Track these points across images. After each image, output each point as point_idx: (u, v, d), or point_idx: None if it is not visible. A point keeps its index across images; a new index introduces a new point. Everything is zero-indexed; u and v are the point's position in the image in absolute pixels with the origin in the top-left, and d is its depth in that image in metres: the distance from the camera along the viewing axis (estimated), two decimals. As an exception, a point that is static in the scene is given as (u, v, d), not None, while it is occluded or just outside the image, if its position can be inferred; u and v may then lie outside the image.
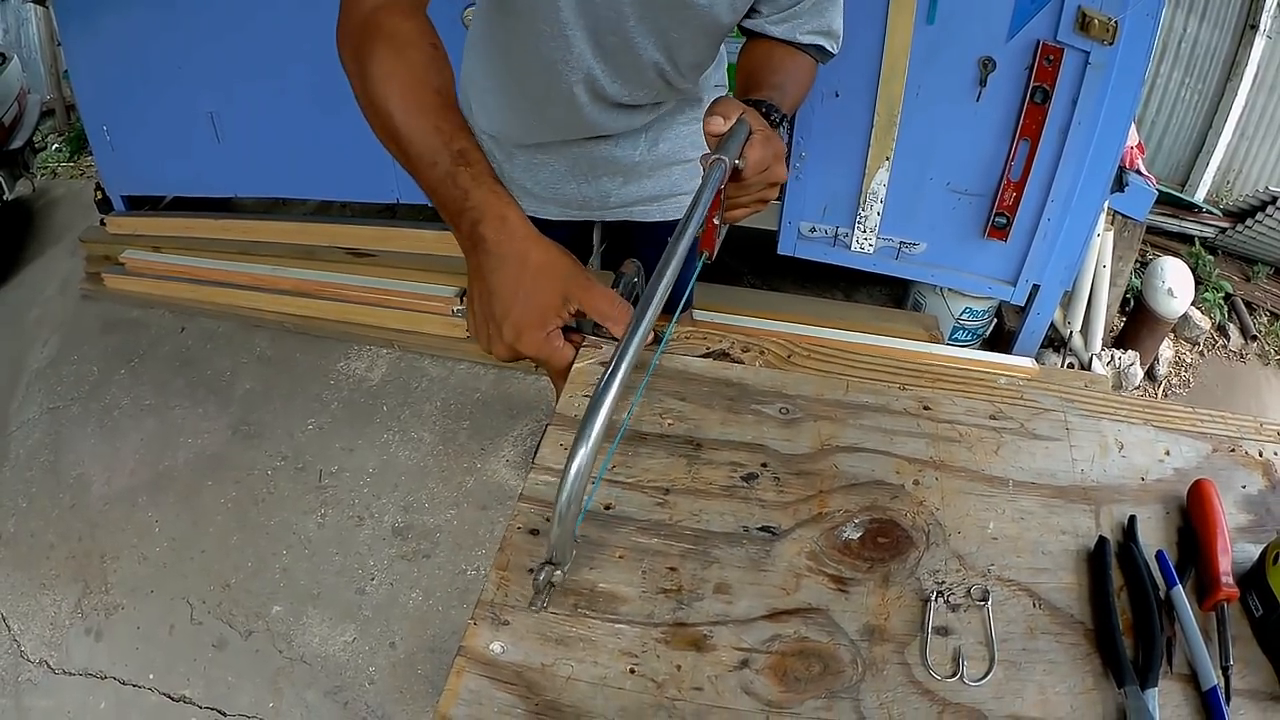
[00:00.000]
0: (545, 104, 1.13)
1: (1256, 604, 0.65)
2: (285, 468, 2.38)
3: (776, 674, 0.59)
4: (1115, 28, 1.85)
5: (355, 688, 1.88)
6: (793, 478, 0.72)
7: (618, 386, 0.61)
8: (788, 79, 1.01)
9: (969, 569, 0.67)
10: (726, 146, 0.79)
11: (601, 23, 0.99)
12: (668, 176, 1.30)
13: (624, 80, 1.08)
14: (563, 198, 1.29)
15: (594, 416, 0.59)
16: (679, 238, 0.71)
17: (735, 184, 0.83)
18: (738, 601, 0.64)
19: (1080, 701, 0.60)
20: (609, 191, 1.29)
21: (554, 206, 1.30)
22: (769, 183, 0.86)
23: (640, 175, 1.28)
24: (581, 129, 1.17)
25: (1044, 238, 2.22)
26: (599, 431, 0.59)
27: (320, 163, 2.76)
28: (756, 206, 0.89)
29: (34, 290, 3.25)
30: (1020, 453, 0.76)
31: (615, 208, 1.32)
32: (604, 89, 1.09)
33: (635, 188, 1.29)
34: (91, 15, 2.71)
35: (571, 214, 1.32)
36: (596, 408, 0.59)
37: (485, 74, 1.19)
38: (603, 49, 1.03)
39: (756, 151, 0.82)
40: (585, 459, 0.58)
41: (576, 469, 0.58)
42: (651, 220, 1.34)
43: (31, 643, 2.01)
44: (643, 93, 1.12)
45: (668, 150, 1.27)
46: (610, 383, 0.61)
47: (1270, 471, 0.78)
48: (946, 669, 0.61)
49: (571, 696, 0.57)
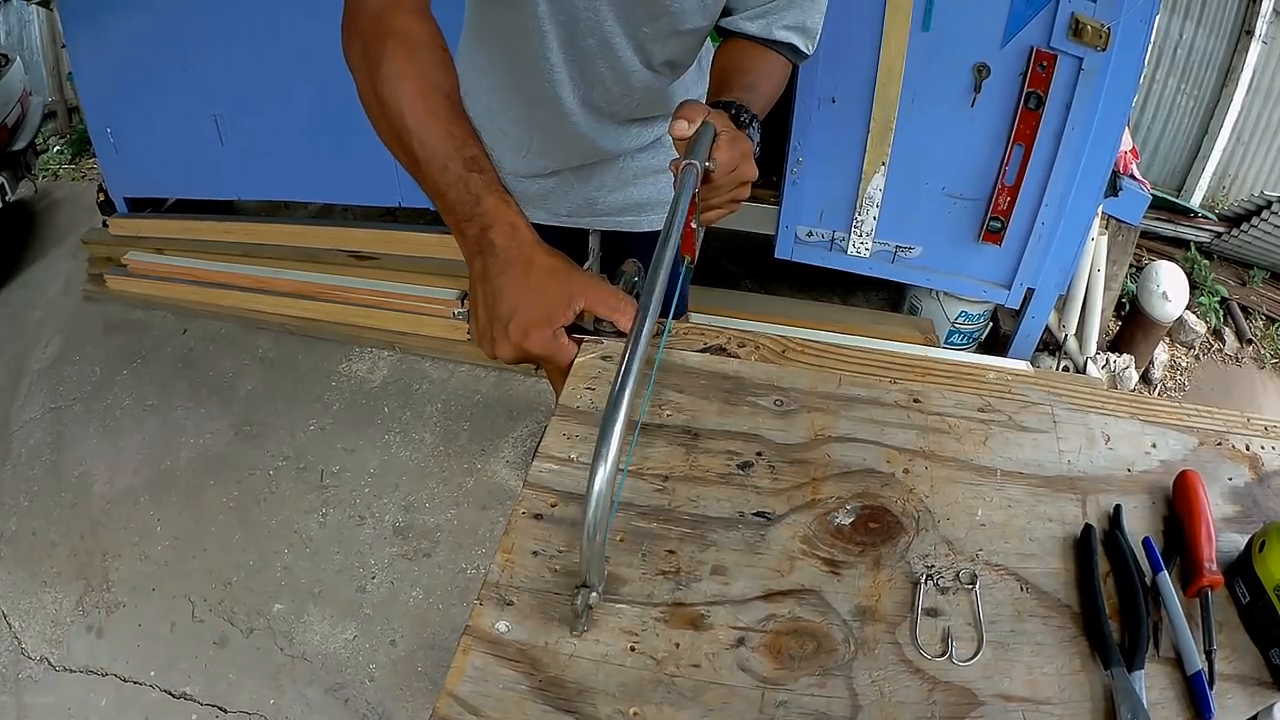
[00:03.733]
0: (533, 105, 1.13)
1: (1244, 591, 0.67)
2: (287, 468, 2.39)
3: (771, 652, 0.61)
4: (1108, 34, 1.88)
5: (356, 685, 1.89)
6: (787, 466, 0.74)
7: (628, 398, 0.60)
8: (759, 79, 1.01)
9: (958, 554, 0.68)
10: (695, 150, 0.79)
11: (579, 26, 1.00)
12: (653, 184, 1.30)
13: (602, 85, 1.09)
14: (551, 203, 1.30)
15: (609, 434, 0.57)
16: (664, 245, 0.72)
17: (707, 186, 0.83)
18: (734, 583, 0.65)
19: (1068, 682, 0.61)
20: (596, 198, 1.29)
21: (542, 212, 1.30)
22: (739, 181, 0.86)
23: (625, 183, 1.29)
24: (568, 135, 1.18)
25: (1038, 242, 2.24)
26: (615, 451, 0.57)
27: (323, 166, 2.78)
28: (730, 207, 0.89)
29: (36, 291, 3.27)
30: (1008, 444, 0.78)
31: (603, 215, 1.32)
32: (585, 92, 1.10)
33: (621, 195, 1.30)
34: (97, 18, 2.73)
35: (561, 219, 1.32)
36: (610, 424, 0.58)
37: (478, 75, 1.20)
38: (578, 50, 1.04)
39: (724, 153, 0.81)
40: (605, 481, 0.56)
41: (598, 492, 0.56)
42: (640, 231, 1.35)
43: (32, 640, 2.02)
44: (621, 93, 1.12)
45: (653, 159, 1.28)
46: (620, 396, 0.60)
47: (1257, 465, 0.79)
48: (936, 649, 0.62)
49: (574, 673, 0.59)
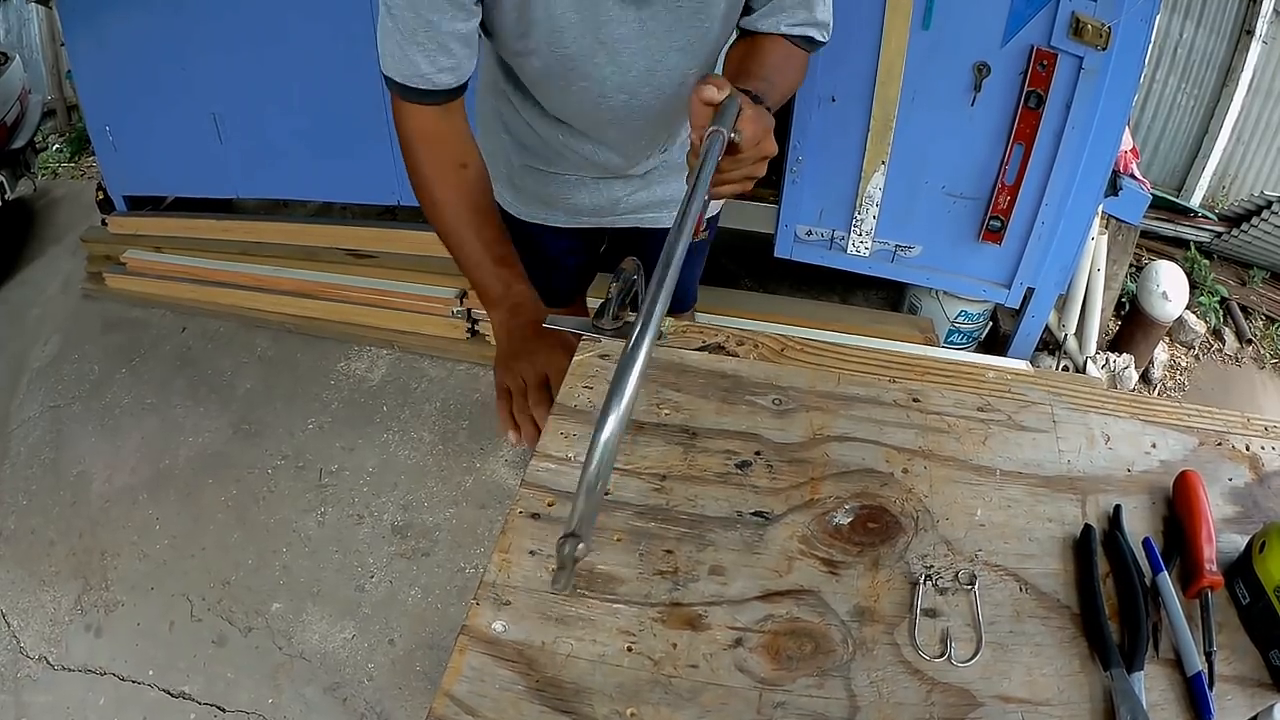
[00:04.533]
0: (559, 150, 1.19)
1: (1244, 592, 0.67)
2: (286, 466, 2.39)
3: (769, 652, 0.61)
4: (1109, 33, 1.87)
5: (354, 684, 1.89)
6: (785, 465, 0.74)
7: (647, 346, 0.58)
8: (773, 71, 1.00)
9: (957, 554, 0.68)
10: (722, 119, 0.78)
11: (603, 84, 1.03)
12: (678, 181, 1.30)
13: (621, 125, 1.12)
14: (573, 205, 1.31)
15: (624, 382, 0.55)
16: (684, 213, 0.71)
17: (729, 158, 0.82)
18: (732, 583, 0.65)
19: (1067, 683, 0.61)
20: (619, 198, 1.30)
21: (563, 214, 1.31)
22: (761, 156, 0.86)
23: (651, 182, 1.30)
24: (593, 161, 1.21)
25: (1038, 241, 2.24)
26: (630, 398, 0.55)
27: (322, 165, 2.78)
28: (744, 184, 0.88)
29: (35, 289, 3.26)
30: (1007, 443, 0.78)
31: (626, 214, 1.33)
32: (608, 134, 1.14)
33: (646, 194, 1.31)
34: (96, 16, 2.73)
35: (583, 220, 1.34)
36: (626, 372, 0.56)
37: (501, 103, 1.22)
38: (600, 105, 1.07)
39: (750, 126, 0.81)
40: (617, 424, 0.54)
41: (606, 438, 0.54)
42: (660, 226, 1.35)
43: (31, 639, 2.02)
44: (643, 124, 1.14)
45: (678, 156, 1.28)
46: (639, 344, 0.57)
47: (1257, 465, 0.79)
48: (935, 649, 0.62)
49: (571, 673, 0.59)
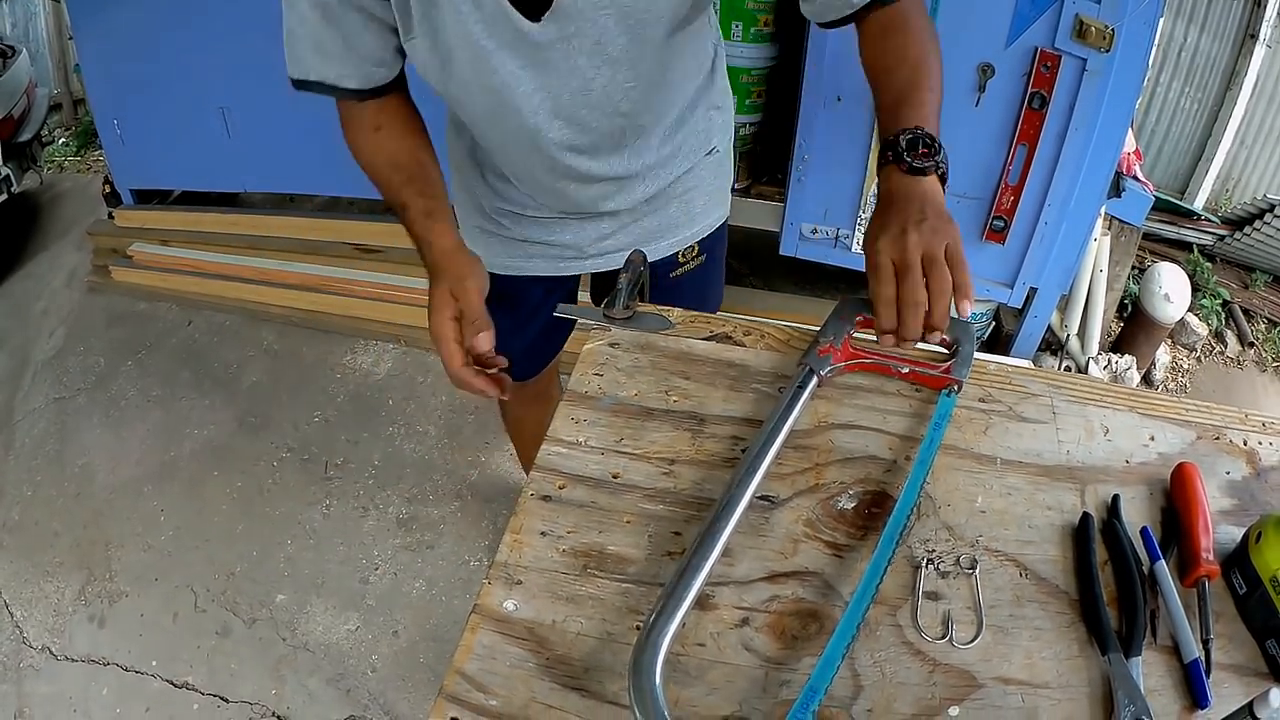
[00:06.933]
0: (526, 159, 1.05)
1: (1240, 582, 0.68)
2: (291, 459, 2.40)
3: (775, 632, 0.62)
4: (1112, 35, 1.88)
5: (357, 675, 1.90)
6: (791, 451, 0.75)
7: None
8: (908, 70, 0.81)
9: (958, 539, 0.69)
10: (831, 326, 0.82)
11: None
12: (665, 212, 1.20)
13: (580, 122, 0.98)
14: (553, 245, 1.20)
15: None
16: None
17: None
18: (738, 564, 0.66)
19: (1066, 667, 0.62)
20: (607, 233, 1.19)
21: (541, 261, 1.21)
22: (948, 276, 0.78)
23: (639, 215, 1.19)
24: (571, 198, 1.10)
25: (1041, 241, 2.25)
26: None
27: (329, 159, 2.73)
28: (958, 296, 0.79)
29: (40, 282, 3.27)
30: (1008, 434, 0.79)
31: (610, 253, 1.21)
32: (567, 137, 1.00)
33: (635, 229, 1.19)
34: (104, 10, 2.74)
35: (560, 268, 1.22)
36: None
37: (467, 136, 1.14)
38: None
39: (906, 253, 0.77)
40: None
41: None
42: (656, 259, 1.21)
43: (34, 629, 2.03)
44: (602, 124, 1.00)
45: (666, 184, 1.16)
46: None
47: (1254, 459, 0.80)
48: (936, 631, 0.63)
49: (580, 651, 0.60)
